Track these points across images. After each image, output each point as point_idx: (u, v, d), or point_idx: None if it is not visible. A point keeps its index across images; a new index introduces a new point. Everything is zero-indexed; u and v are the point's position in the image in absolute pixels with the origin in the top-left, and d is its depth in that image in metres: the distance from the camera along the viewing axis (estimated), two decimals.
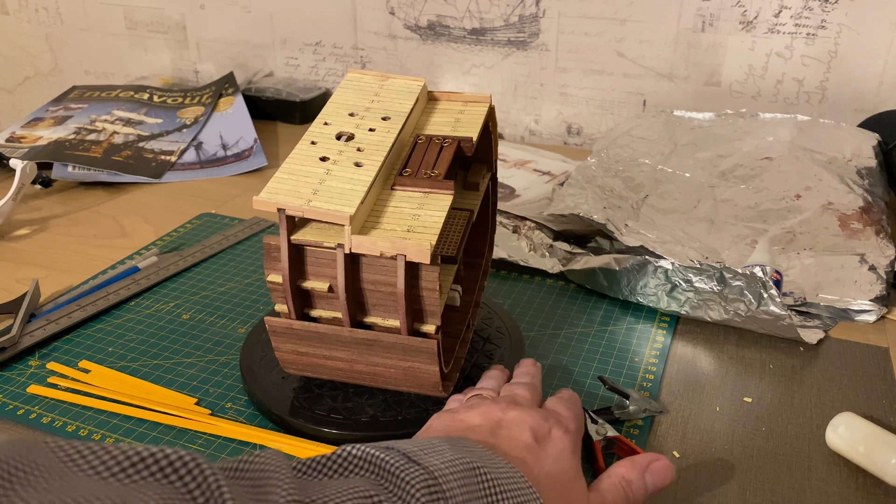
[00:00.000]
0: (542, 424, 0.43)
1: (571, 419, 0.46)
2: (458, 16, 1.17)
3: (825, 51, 1.00)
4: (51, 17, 1.48)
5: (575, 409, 0.48)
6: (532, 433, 0.42)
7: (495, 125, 0.60)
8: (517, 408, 0.45)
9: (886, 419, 0.56)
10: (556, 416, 0.45)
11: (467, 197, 0.60)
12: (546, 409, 0.47)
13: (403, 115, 0.54)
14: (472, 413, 0.44)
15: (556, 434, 0.43)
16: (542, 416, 0.44)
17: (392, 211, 0.48)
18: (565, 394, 0.51)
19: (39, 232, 0.88)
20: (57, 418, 0.56)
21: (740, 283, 0.62)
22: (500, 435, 0.42)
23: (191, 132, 1.13)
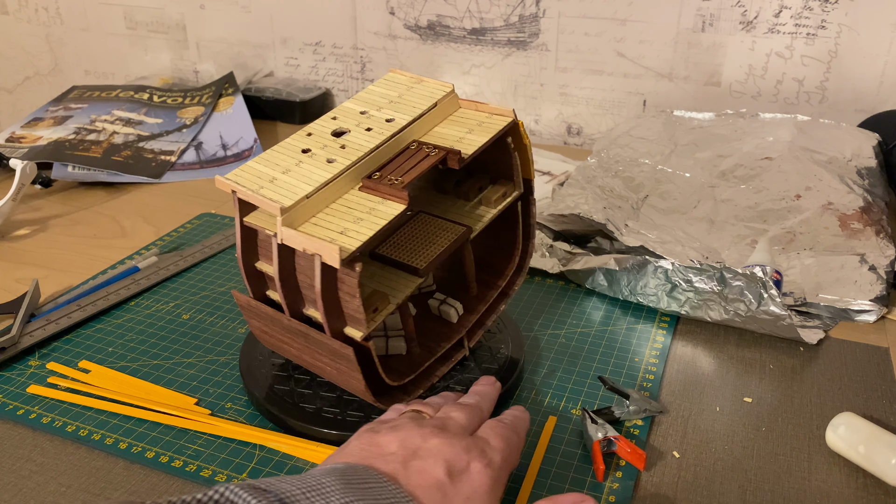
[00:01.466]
0: (460, 457, 0.41)
1: (499, 451, 0.44)
2: (458, 16, 1.17)
3: (825, 51, 1.00)
4: (51, 17, 1.48)
5: (511, 437, 0.46)
6: (447, 467, 0.41)
7: (522, 142, 0.57)
8: (441, 435, 0.43)
9: (886, 419, 0.56)
10: (482, 447, 0.43)
11: (478, 213, 0.57)
12: (475, 437, 0.44)
13: (407, 119, 0.54)
14: (392, 437, 0.43)
15: (475, 469, 0.41)
16: (466, 446, 0.42)
17: (344, 211, 0.49)
18: (508, 416, 0.49)
19: (39, 232, 0.88)
20: (57, 418, 0.56)
21: (740, 283, 0.62)
22: (412, 467, 0.40)
23: (191, 132, 1.13)
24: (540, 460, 0.52)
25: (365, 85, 1.28)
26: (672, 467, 0.52)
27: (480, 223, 0.57)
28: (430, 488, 0.39)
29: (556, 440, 0.54)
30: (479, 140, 0.53)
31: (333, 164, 0.51)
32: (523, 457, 0.52)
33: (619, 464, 0.51)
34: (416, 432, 0.43)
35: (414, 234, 0.55)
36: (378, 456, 0.41)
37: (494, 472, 0.42)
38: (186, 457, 0.53)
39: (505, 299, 0.61)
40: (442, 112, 0.56)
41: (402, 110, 0.55)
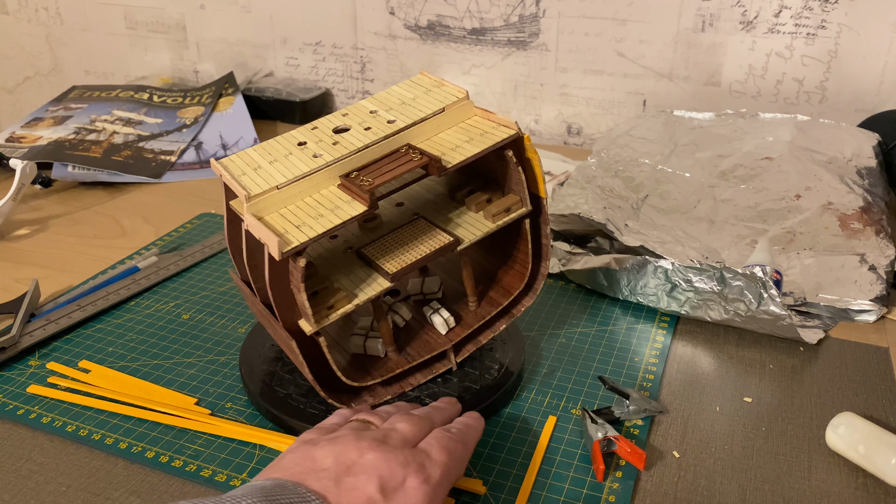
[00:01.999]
0: (396, 473, 0.41)
1: (440, 465, 0.43)
2: (458, 16, 1.17)
3: (825, 51, 1.00)
4: (51, 17, 1.48)
5: (455, 449, 0.45)
6: (380, 484, 0.40)
7: (526, 157, 0.54)
8: (379, 449, 0.42)
9: (886, 419, 0.56)
10: (422, 462, 0.43)
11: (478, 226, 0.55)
12: (416, 450, 0.44)
13: (408, 122, 0.53)
14: (328, 450, 0.42)
15: (411, 485, 0.41)
16: (403, 461, 0.42)
17: (313, 205, 0.49)
18: (458, 424, 0.48)
19: (39, 232, 0.88)
20: (57, 418, 0.56)
21: (740, 283, 0.62)
22: (344, 484, 0.40)
23: (191, 132, 1.13)
24: (540, 460, 0.52)
25: (365, 85, 1.28)
26: (672, 467, 0.52)
27: (473, 237, 0.54)
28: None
29: (556, 440, 0.54)
30: (471, 151, 0.51)
31: (318, 158, 0.51)
32: (523, 456, 0.52)
33: (619, 464, 0.51)
34: (352, 446, 0.42)
35: (404, 238, 0.55)
36: (311, 471, 0.41)
37: (431, 489, 0.42)
38: (186, 457, 0.53)
39: (508, 319, 0.59)
40: (452, 118, 0.55)
41: (408, 112, 0.55)
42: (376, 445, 0.43)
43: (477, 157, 0.51)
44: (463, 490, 0.49)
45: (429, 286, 0.62)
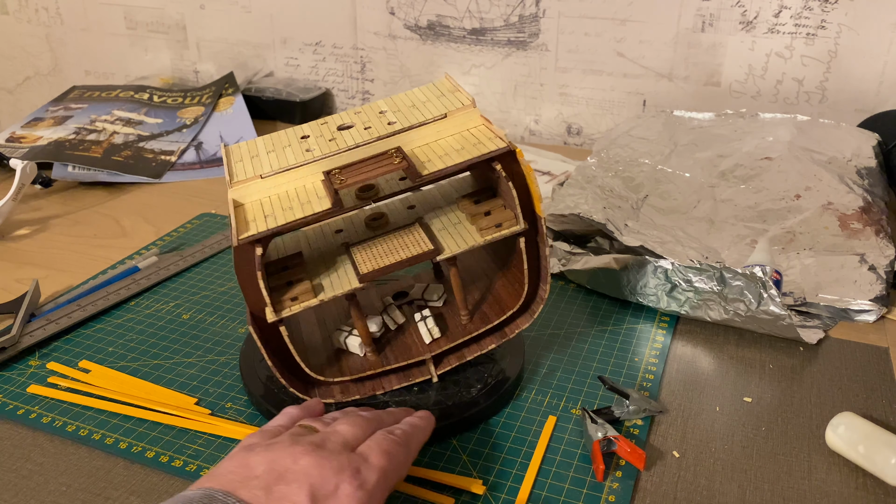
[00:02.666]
0: (328, 480, 0.40)
1: (377, 469, 0.43)
2: (458, 16, 1.17)
3: (825, 51, 1.00)
4: (51, 17, 1.48)
5: (396, 452, 0.45)
6: (311, 492, 0.40)
7: (516, 172, 0.52)
8: (314, 454, 0.42)
9: (886, 419, 0.56)
10: (358, 466, 0.42)
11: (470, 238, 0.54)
12: (353, 454, 0.43)
13: (405, 125, 0.53)
14: (263, 457, 0.42)
15: (344, 492, 0.40)
16: (338, 466, 0.41)
17: (290, 197, 0.51)
18: (404, 425, 0.48)
19: (39, 232, 0.88)
20: (57, 418, 0.56)
21: (740, 283, 0.62)
22: (275, 493, 0.40)
23: (191, 132, 1.13)
24: (540, 460, 0.52)
25: (365, 85, 1.29)
26: (672, 467, 0.52)
27: (456, 249, 0.53)
28: None
29: (556, 440, 0.54)
30: (454, 161, 0.50)
31: (309, 153, 0.52)
32: (523, 456, 0.52)
33: (619, 464, 0.51)
34: (287, 452, 0.42)
35: (392, 241, 0.55)
36: (243, 480, 0.40)
37: (366, 494, 0.41)
38: (186, 456, 0.53)
39: (499, 338, 0.58)
40: (454, 125, 0.54)
41: (412, 116, 0.54)
42: (311, 451, 0.42)
43: (457, 167, 0.50)
44: (463, 490, 0.49)
45: (430, 293, 0.61)
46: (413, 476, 0.50)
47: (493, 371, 0.58)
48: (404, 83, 1.25)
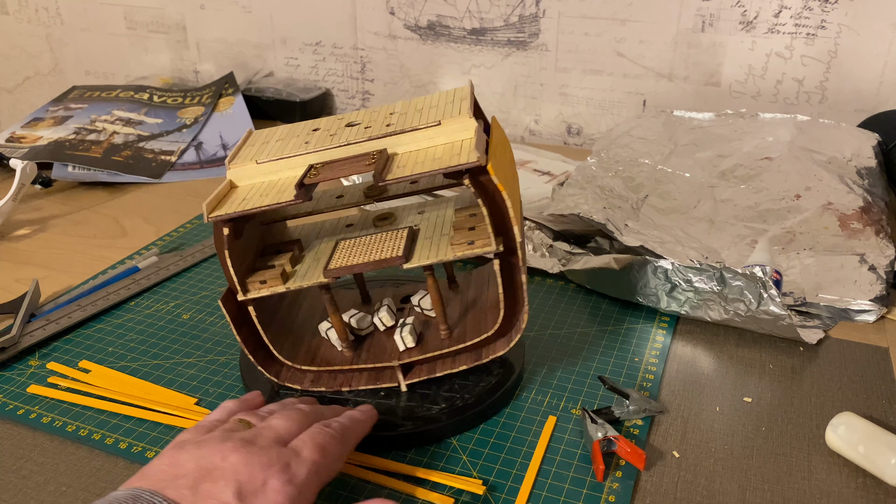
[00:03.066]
0: (256, 476, 0.41)
1: (309, 463, 0.43)
2: (458, 16, 1.17)
3: (825, 51, 1.00)
4: (51, 17, 1.48)
5: (331, 447, 0.45)
6: (237, 489, 0.40)
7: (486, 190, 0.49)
8: (243, 450, 0.42)
9: (886, 419, 0.56)
10: (288, 460, 0.42)
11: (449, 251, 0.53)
12: (285, 449, 0.43)
13: (400, 129, 0.53)
14: (192, 455, 0.42)
15: (272, 487, 0.40)
16: (267, 462, 0.41)
17: (273, 185, 0.52)
18: (343, 419, 0.48)
19: (39, 232, 0.88)
20: (57, 418, 0.56)
21: (740, 283, 0.62)
22: (201, 491, 0.40)
23: (191, 132, 1.13)
24: (540, 460, 0.52)
25: (365, 85, 1.29)
26: (672, 467, 0.52)
27: (423, 260, 0.52)
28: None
29: (556, 440, 0.54)
30: (419, 169, 0.49)
31: (307, 145, 0.54)
32: (523, 456, 0.52)
33: (619, 464, 0.51)
34: (216, 449, 0.42)
35: (375, 242, 0.55)
36: (171, 479, 0.41)
37: (295, 489, 0.41)
38: None
39: (473, 360, 0.56)
40: (448, 133, 0.52)
41: (412, 120, 0.54)
42: (240, 447, 0.42)
43: (420, 176, 0.48)
44: (463, 490, 0.49)
45: (427, 301, 0.61)
46: (413, 476, 0.50)
47: (492, 371, 0.58)
48: (404, 83, 1.25)
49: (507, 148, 0.56)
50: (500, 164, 0.51)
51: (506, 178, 0.50)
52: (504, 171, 0.51)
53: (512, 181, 0.53)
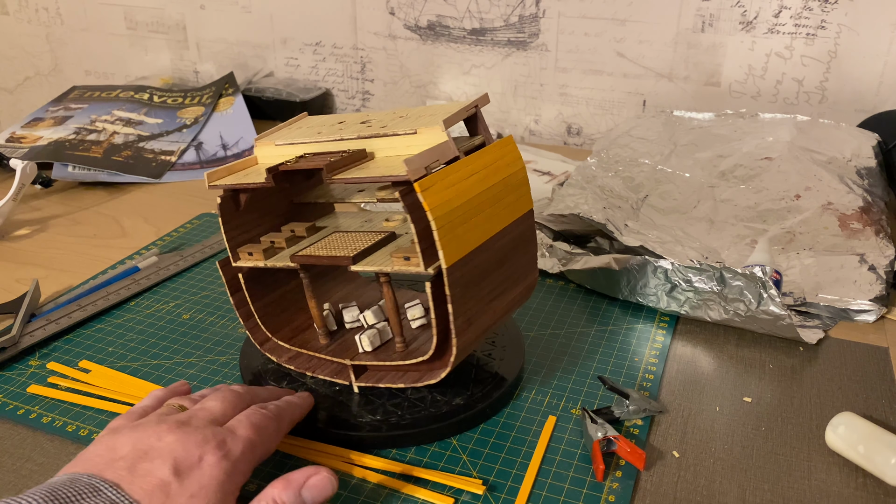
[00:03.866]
0: (191, 453, 0.42)
1: (244, 440, 0.44)
2: (458, 16, 1.17)
3: (825, 51, 1.00)
4: (51, 17, 1.48)
5: (265, 425, 0.46)
6: (173, 466, 0.41)
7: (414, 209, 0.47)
8: (178, 431, 0.43)
9: (886, 419, 0.56)
10: (223, 438, 0.43)
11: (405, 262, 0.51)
12: (220, 428, 0.45)
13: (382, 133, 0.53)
14: (128, 438, 0.43)
15: (209, 461, 0.42)
16: (202, 439, 0.43)
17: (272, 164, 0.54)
18: (280, 402, 0.50)
19: (39, 232, 0.88)
20: (57, 418, 0.56)
21: (740, 283, 0.62)
22: (138, 470, 0.41)
23: (191, 132, 1.13)
24: (540, 460, 0.52)
25: (365, 85, 1.29)
26: (672, 467, 0.52)
27: (363, 267, 0.52)
28: (152, 490, 0.40)
29: (556, 440, 0.54)
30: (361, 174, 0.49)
31: (318, 135, 0.56)
32: (523, 456, 0.52)
33: (619, 463, 0.51)
34: (152, 431, 0.43)
35: (356, 239, 0.56)
36: (108, 462, 0.41)
37: (230, 464, 0.42)
38: None
39: (411, 379, 0.55)
40: (423, 141, 0.51)
41: (401, 125, 0.54)
42: (176, 428, 0.43)
43: (355, 181, 0.49)
44: (463, 490, 0.49)
45: (414, 311, 0.60)
46: (413, 476, 0.50)
47: (492, 371, 0.59)
48: (404, 83, 1.25)
49: (495, 172, 0.52)
50: (452, 183, 0.48)
51: (449, 200, 0.47)
52: (454, 192, 0.48)
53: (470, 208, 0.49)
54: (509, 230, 0.53)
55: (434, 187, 0.47)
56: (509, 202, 0.53)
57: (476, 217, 0.50)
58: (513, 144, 0.54)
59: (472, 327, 0.51)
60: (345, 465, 0.51)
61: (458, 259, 0.48)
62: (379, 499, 0.49)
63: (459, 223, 0.48)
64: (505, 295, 0.54)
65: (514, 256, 0.54)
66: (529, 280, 0.57)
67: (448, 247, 0.47)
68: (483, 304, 0.52)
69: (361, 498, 0.49)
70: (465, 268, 0.49)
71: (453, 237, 0.48)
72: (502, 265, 0.53)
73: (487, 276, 0.52)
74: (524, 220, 0.55)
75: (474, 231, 0.50)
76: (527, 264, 0.56)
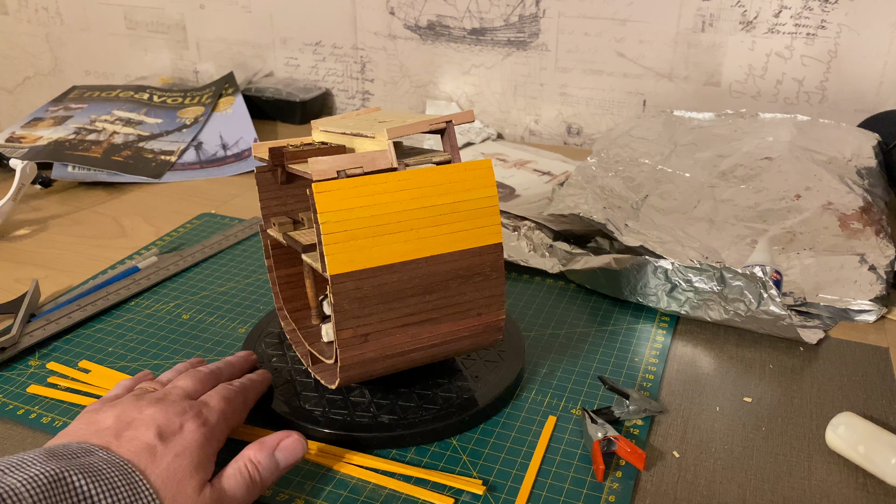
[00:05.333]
0: (173, 420, 0.45)
1: (217, 411, 0.48)
2: (458, 16, 1.17)
3: (825, 51, 1.00)
4: (51, 17, 1.48)
5: (234, 398, 0.50)
6: (157, 431, 0.44)
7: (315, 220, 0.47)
8: (158, 404, 0.46)
9: (886, 419, 0.56)
10: (200, 408, 0.47)
11: None
12: (195, 401, 0.48)
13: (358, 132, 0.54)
14: (109, 413, 0.46)
15: (189, 428, 0.45)
16: (181, 410, 0.46)
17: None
18: (244, 379, 0.53)
19: (39, 232, 0.88)
20: (57, 418, 0.56)
21: (740, 283, 0.62)
22: (124, 436, 0.44)
23: (191, 132, 1.13)
24: (540, 460, 0.52)
25: (365, 85, 1.28)
26: (672, 467, 0.52)
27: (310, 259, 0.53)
28: (140, 451, 0.43)
29: (556, 440, 0.54)
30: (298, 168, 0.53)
31: (346, 125, 0.57)
32: (523, 456, 0.52)
33: (619, 464, 0.51)
34: (132, 406, 0.46)
35: None
36: (94, 432, 0.44)
37: (209, 430, 0.46)
38: None
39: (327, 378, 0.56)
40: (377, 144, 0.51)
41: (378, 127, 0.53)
42: (155, 402, 0.47)
43: (294, 172, 0.53)
44: (463, 490, 0.49)
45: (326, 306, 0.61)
46: (413, 476, 0.50)
47: (492, 371, 0.58)
48: (404, 83, 1.25)
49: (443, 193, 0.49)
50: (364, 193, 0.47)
51: (352, 208, 0.47)
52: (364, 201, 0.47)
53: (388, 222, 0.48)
54: (451, 258, 0.50)
55: (336, 192, 0.46)
56: (457, 228, 0.50)
57: (396, 234, 0.48)
58: (487, 170, 0.50)
59: (371, 345, 0.50)
60: (345, 465, 0.51)
61: (351, 270, 0.47)
62: (379, 499, 0.49)
63: (364, 235, 0.47)
64: (435, 325, 0.51)
65: (456, 288, 0.51)
66: (487, 319, 0.53)
67: (338, 255, 0.46)
68: (392, 325, 0.50)
69: (361, 498, 0.49)
70: (362, 281, 0.47)
71: (349, 247, 0.47)
72: (432, 292, 0.50)
73: (402, 297, 0.49)
74: (481, 252, 0.51)
75: (387, 247, 0.48)
76: (481, 301, 0.52)
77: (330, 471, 0.51)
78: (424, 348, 0.52)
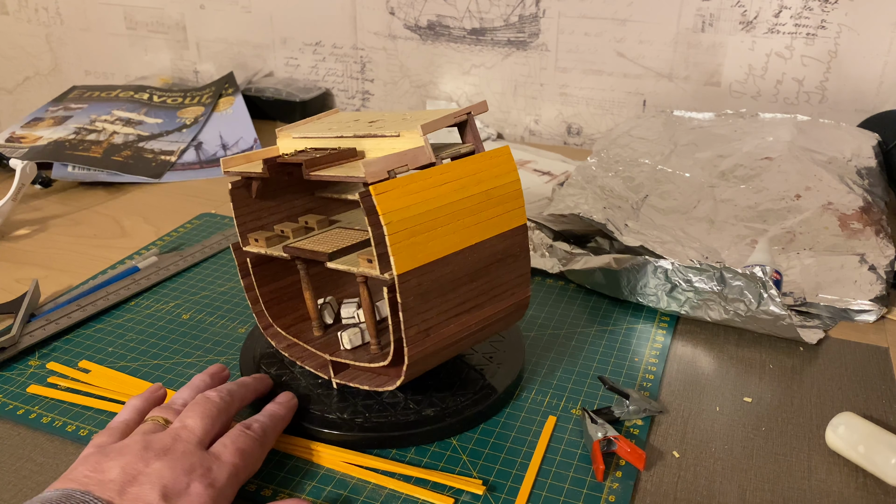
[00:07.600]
0: (180, 480, 0.43)
1: (229, 467, 0.46)
2: (458, 16, 1.17)
3: (825, 51, 1.00)
4: (51, 17, 1.48)
5: (251, 449, 0.47)
6: (162, 492, 0.42)
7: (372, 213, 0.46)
8: (165, 458, 0.44)
9: (886, 419, 0.56)
10: (209, 465, 0.45)
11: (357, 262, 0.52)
12: (205, 454, 0.46)
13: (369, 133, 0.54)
14: (116, 462, 0.44)
15: (196, 490, 0.43)
16: (189, 467, 0.44)
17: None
18: (262, 417, 0.50)
19: (39, 232, 0.88)
20: (57, 418, 0.56)
21: (740, 283, 0.62)
22: (128, 494, 0.42)
23: (191, 132, 1.13)
24: (540, 460, 0.52)
25: (365, 85, 1.28)
26: (672, 467, 0.52)
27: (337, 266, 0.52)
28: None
29: (556, 440, 0.54)
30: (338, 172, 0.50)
31: (328, 130, 0.57)
32: (523, 456, 0.52)
33: (619, 464, 0.51)
34: (140, 456, 0.44)
35: (346, 235, 0.56)
36: (98, 483, 0.43)
37: (216, 492, 0.44)
38: None
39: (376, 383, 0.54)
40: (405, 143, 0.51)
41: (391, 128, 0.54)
42: (162, 454, 0.45)
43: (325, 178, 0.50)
44: (463, 490, 0.49)
45: (347, 310, 0.61)
46: (413, 476, 0.50)
47: (492, 371, 0.58)
48: (404, 83, 1.25)
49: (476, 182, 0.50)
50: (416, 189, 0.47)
51: (409, 206, 0.47)
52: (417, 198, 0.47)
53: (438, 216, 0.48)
54: (489, 244, 0.51)
55: (392, 192, 0.46)
56: (492, 215, 0.51)
57: (445, 226, 0.48)
58: (507, 156, 0.52)
59: (431, 338, 0.50)
60: (345, 465, 0.51)
61: (414, 267, 0.47)
62: (379, 499, 0.49)
63: (421, 231, 0.47)
64: (480, 310, 0.52)
65: (495, 271, 0.52)
66: (517, 298, 0.55)
67: (402, 254, 0.46)
68: (447, 316, 0.50)
69: (361, 498, 0.49)
70: (423, 277, 0.48)
71: (410, 244, 0.47)
72: (477, 279, 0.51)
73: (455, 288, 0.50)
74: (512, 235, 0.53)
75: (440, 240, 0.48)
76: (513, 281, 0.54)
77: (330, 471, 0.51)
78: (472, 335, 0.54)
